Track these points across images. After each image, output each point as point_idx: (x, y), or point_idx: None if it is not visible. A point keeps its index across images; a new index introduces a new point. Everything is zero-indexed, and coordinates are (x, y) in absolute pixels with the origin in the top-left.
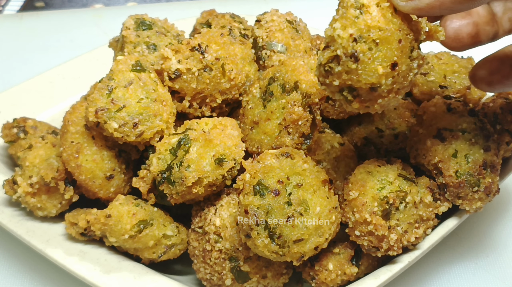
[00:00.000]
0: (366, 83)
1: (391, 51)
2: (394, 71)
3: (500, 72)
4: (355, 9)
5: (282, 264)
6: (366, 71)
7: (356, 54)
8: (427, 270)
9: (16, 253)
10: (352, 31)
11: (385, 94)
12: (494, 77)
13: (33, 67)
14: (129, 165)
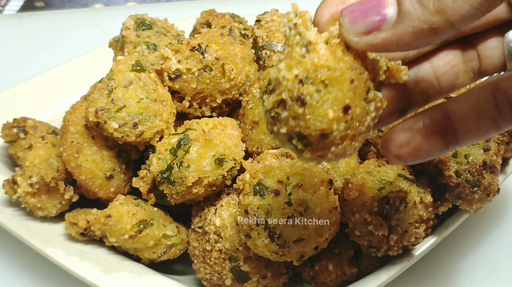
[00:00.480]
0: (315, 130)
1: (342, 92)
2: (347, 115)
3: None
4: (301, 47)
5: (282, 264)
6: (314, 116)
7: (302, 97)
8: (427, 270)
9: (16, 253)
10: (297, 72)
11: (338, 142)
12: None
13: (33, 67)
14: (129, 165)
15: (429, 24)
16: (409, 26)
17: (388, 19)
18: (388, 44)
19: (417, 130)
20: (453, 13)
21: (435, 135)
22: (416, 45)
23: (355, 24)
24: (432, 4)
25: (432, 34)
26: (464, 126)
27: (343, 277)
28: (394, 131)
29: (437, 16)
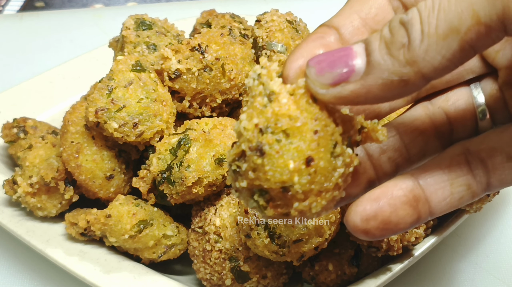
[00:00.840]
0: (275, 182)
1: (305, 143)
2: (310, 168)
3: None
4: (264, 97)
5: (282, 264)
6: (274, 167)
7: (261, 147)
8: (427, 270)
9: (16, 253)
10: (257, 121)
11: (301, 197)
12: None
13: (33, 67)
14: (129, 165)
15: (399, 76)
16: (378, 77)
17: (356, 71)
18: (357, 96)
19: (385, 201)
20: (425, 65)
21: (405, 206)
22: (386, 97)
23: (321, 75)
24: (403, 55)
25: (402, 86)
26: (436, 194)
27: (343, 277)
28: (359, 203)
29: (408, 68)
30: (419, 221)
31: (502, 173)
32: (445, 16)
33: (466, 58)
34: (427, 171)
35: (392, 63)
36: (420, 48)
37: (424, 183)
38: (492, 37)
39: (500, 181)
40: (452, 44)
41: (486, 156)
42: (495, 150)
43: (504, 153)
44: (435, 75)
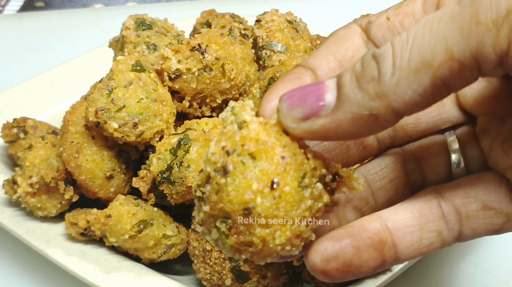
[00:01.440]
0: (238, 204)
1: (271, 166)
2: (274, 191)
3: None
4: (234, 124)
5: (282, 264)
6: (237, 188)
7: (226, 166)
8: (427, 270)
9: (16, 253)
10: (224, 144)
11: (263, 221)
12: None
13: (33, 67)
14: (129, 165)
15: (369, 110)
16: (348, 111)
17: (327, 105)
18: (327, 131)
19: (348, 242)
20: (395, 99)
21: (369, 249)
22: (357, 133)
23: (292, 109)
24: (373, 89)
25: (372, 121)
26: (405, 239)
27: None
28: (321, 241)
29: (378, 101)
30: (383, 265)
31: (476, 221)
32: (418, 50)
33: (439, 95)
34: (396, 214)
35: (362, 96)
36: (390, 81)
37: (393, 226)
38: (465, 76)
39: (473, 230)
40: (424, 79)
41: (461, 203)
42: (470, 197)
43: (480, 201)
44: (406, 111)
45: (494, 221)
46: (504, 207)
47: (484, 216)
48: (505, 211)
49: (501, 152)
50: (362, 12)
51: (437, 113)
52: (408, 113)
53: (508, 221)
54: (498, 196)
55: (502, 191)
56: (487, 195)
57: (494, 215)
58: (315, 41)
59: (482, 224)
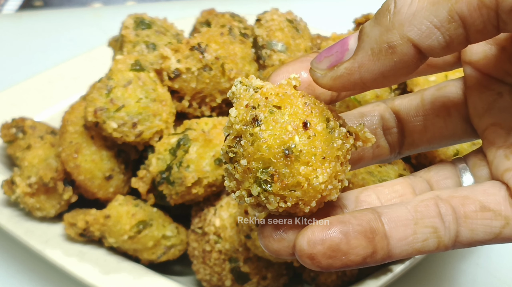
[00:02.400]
0: (277, 146)
1: (298, 110)
2: (308, 130)
3: None
4: (249, 89)
5: (283, 265)
6: (273, 131)
7: (256, 116)
8: (428, 271)
9: (15, 254)
10: (247, 102)
11: (304, 159)
12: None
13: (32, 66)
14: (128, 165)
15: (386, 42)
16: (368, 49)
17: (350, 49)
18: (350, 73)
19: (337, 228)
20: (411, 28)
21: (359, 235)
22: (380, 72)
23: (320, 61)
24: (388, 20)
25: (391, 54)
26: (398, 231)
27: (343, 278)
28: (309, 227)
29: (394, 32)
30: (374, 256)
31: (474, 222)
32: None
33: (454, 32)
34: (391, 208)
35: (379, 30)
36: (407, 12)
37: (386, 218)
38: (483, 16)
39: (471, 231)
40: (442, 11)
41: (459, 203)
42: (468, 198)
43: (478, 202)
44: (421, 42)
45: (492, 223)
46: (503, 209)
47: (483, 217)
48: (504, 213)
49: (503, 157)
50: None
51: (443, 123)
52: (426, 48)
53: (507, 225)
54: (497, 198)
55: (501, 194)
56: (485, 197)
57: (492, 216)
58: (315, 40)
59: (481, 225)
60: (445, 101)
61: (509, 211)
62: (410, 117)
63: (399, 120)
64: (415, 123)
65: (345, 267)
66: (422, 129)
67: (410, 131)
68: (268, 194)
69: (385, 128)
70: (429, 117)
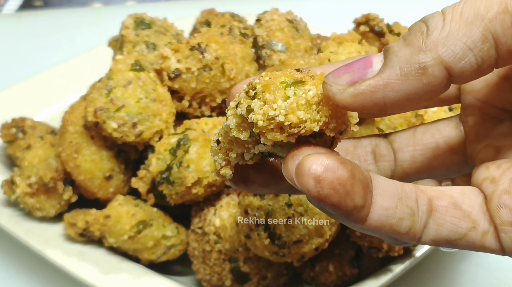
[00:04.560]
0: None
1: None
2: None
3: None
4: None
5: (282, 265)
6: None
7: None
8: (428, 271)
9: (15, 254)
10: (246, 88)
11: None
12: None
13: (31, 66)
14: (128, 165)
15: (418, 62)
16: (396, 67)
17: (374, 66)
18: (374, 90)
19: (348, 166)
20: (445, 50)
21: (359, 183)
22: (406, 93)
23: (339, 76)
24: (421, 41)
25: (421, 75)
26: (383, 197)
27: (343, 278)
28: (322, 154)
29: (427, 53)
30: (360, 211)
31: (442, 217)
32: (471, 4)
33: (486, 53)
34: (382, 177)
35: (410, 51)
36: (440, 34)
37: (377, 183)
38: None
39: (437, 226)
40: (475, 31)
41: (434, 196)
42: (444, 193)
43: (451, 199)
44: (454, 64)
45: (459, 223)
46: (474, 213)
47: (451, 214)
48: (474, 217)
49: (484, 168)
50: (362, 12)
51: (432, 154)
52: (457, 71)
53: (473, 228)
54: (471, 201)
55: (477, 199)
56: (461, 196)
57: (461, 216)
58: (315, 40)
59: (448, 222)
60: (435, 133)
61: (479, 216)
62: (402, 147)
63: (392, 150)
64: (405, 152)
65: (335, 208)
66: (411, 159)
67: (400, 161)
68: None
69: (378, 156)
70: (418, 148)
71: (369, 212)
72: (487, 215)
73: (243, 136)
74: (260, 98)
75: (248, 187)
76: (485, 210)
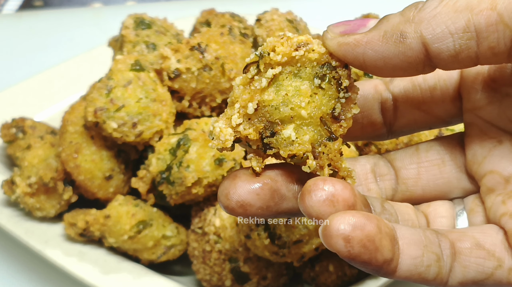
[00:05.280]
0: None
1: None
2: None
3: None
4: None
5: (282, 265)
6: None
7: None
8: None
9: (15, 254)
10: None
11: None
12: None
13: (31, 66)
14: (128, 165)
15: (400, 30)
16: (381, 30)
17: (367, 26)
18: (357, 44)
19: (374, 220)
20: (427, 27)
21: (386, 236)
22: (383, 55)
23: (337, 26)
24: (412, 14)
25: (399, 43)
26: (410, 248)
27: (343, 278)
28: (348, 211)
29: (411, 25)
30: (390, 264)
31: (467, 259)
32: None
33: (465, 43)
34: (405, 226)
35: (399, 19)
36: (430, 12)
37: (401, 234)
38: (498, 32)
39: (463, 268)
40: (460, 20)
41: (456, 239)
42: (465, 235)
43: (473, 239)
44: (431, 43)
45: (485, 262)
46: (498, 251)
47: (476, 255)
48: (498, 255)
49: (500, 203)
50: (362, 12)
51: (438, 171)
52: (434, 51)
53: (499, 267)
54: (493, 240)
55: (498, 237)
56: (482, 236)
57: (486, 256)
58: None
59: (473, 263)
60: (439, 150)
61: (503, 254)
62: (405, 165)
63: (393, 168)
64: (409, 170)
65: (366, 264)
66: (415, 176)
67: (403, 178)
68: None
69: (378, 174)
70: (423, 165)
71: (398, 263)
72: (510, 251)
73: (250, 59)
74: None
75: (247, 212)
76: (507, 246)
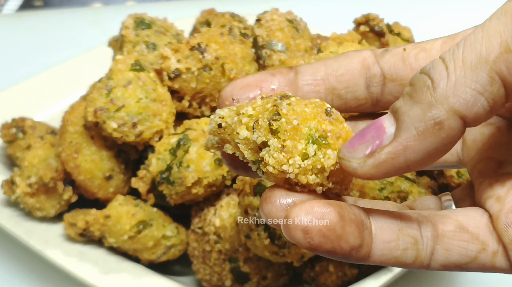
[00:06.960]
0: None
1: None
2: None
3: None
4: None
5: (282, 265)
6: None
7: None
8: (428, 271)
9: (15, 254)
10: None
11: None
12: None
13: (31, 66)
14: (128, 165)
15: (432, 119)
16: (411, 128)
17: (387, 132)
18: (395, 156)
19: (335, 209)
20: (456, 100)
21: (352, 223)
22: (427, 150)
23: (354, 150)
24: (430, 96)
25: (438, 130)
26: (382, 232)
27: (343, 278)
28: (307, 202)
29: (439, 107)
30: (359, 250)
31: (450, 242)
32: (471, 48)
33: (496, 94)
34: (378, 212)
35: (421, 109)
36: (447, 85)
37: (374, 218)
38: None
39: (445, 251)
40: (482, 75)
41: (438, 221)
42: (448, 218)
43: (457, 222)
44: (469, 114)
45: (469, 246)
46: (482, 234)
47: (459, 238)
48: (482, 238)
49: (487, 185)
50: (362, 12)
51: None
52: (472, 118)
53: (483, 250)
54: (476, 222)
55: (482, 220)
56: (466, 218)
57: (469, 239)
58: (315, 40)
59: (456, 246)
60: None
61: (487, 237)
62: None
63: None
64: None
65: (331, 253)
66: None
67: None
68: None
69: None
70: None
71: (370, 249)
72: (495, 235)
73: (248, 156)
74: (280, 139)
75: (248, 172)
76: (492, 229)
